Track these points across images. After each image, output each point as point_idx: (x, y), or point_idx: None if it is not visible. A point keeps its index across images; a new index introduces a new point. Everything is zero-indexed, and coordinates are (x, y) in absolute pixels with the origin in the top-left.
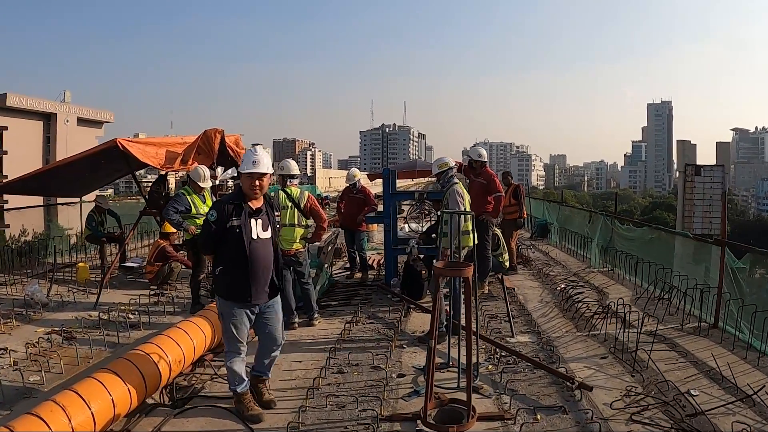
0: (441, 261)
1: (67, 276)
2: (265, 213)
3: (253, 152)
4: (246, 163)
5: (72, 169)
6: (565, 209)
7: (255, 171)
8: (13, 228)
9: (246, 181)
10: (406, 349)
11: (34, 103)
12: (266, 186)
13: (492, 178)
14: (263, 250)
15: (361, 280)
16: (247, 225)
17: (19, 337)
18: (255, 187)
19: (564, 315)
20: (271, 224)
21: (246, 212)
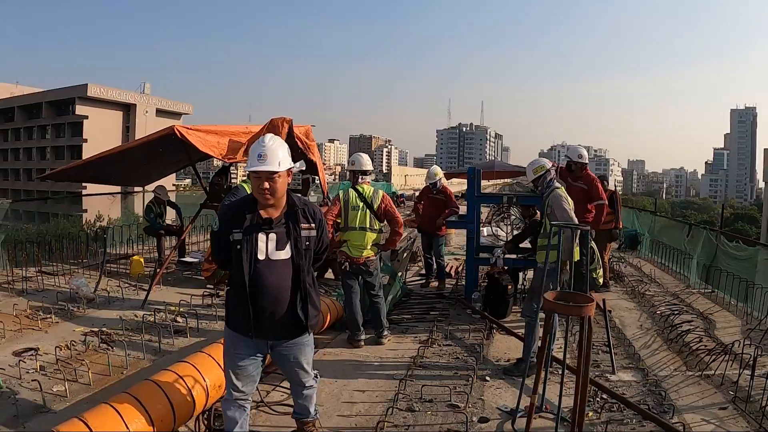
0: (551, 292)
1: (122, 269)
2: (285, 225)
3: (261, 143)
4: (251, 158)
5: (129, 157)
6: (660, 219)
7: (261, 169)
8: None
9: (252, 182)
10: (489, 383)
11: (114, 93)
12: (281, 188)
13: (594, 183)
14: (274, 276)
15: (437, 289)
16: (250, 240)
17: (54, 336)
18: (264, 191)
19: (669, 347)
20: (294, 241)
21: (252, 223)
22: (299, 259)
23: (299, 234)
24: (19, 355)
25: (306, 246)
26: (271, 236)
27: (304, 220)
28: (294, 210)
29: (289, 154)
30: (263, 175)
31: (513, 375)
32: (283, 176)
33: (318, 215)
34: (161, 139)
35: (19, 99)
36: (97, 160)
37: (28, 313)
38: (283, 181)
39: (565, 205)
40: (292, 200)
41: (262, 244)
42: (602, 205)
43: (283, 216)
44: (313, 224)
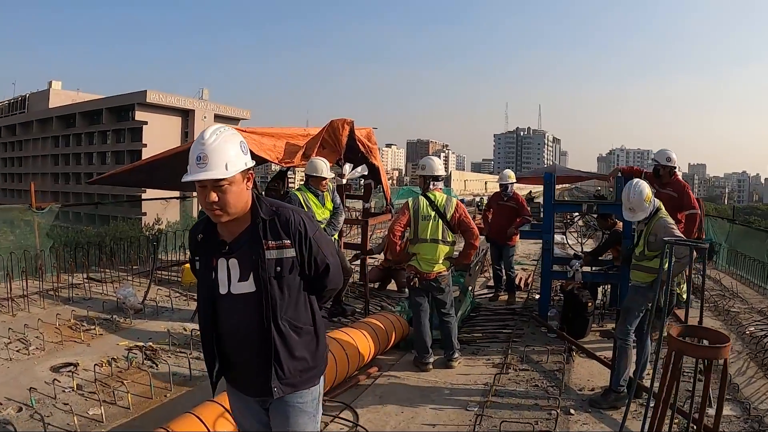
0: (675, 326)
1: (173, 276)
2: (251, 247)
3: (199, 141)
4: (189, 162)
5: (180, 161)
6: (738, 228)
7: (201, 177)
8: (149, 216)
9: (198, 194)
10: (574, 416)
11: (172, 99)
12: (235, 200)
13: (685, 189)
14: (237, 315)
15: (507, 303)
16: (208, 269)
17: (96, 349)
18: (212, 206)
19: (765, 374)
20: (256, 267)
21: (209, 247)
22: (267, 291)
23: (262, 257)
24: (56, 371)
25: (277, 272)
26: (231, 262)
27: (272, 237)
28: (256, 224)
29: (247, 151)
30: (208, 184)
31: (600, 407)
32: (236, 183)
33: (299, 225)
34: None
35: (81, 105)
36: (146, 165)
37: (71, 324)
38: (238, 190)
39: (677, 232)
40: (257, 209)
41: (222, 273)
42: (695, 214)
43: (248, 235)
44: (287, 240)
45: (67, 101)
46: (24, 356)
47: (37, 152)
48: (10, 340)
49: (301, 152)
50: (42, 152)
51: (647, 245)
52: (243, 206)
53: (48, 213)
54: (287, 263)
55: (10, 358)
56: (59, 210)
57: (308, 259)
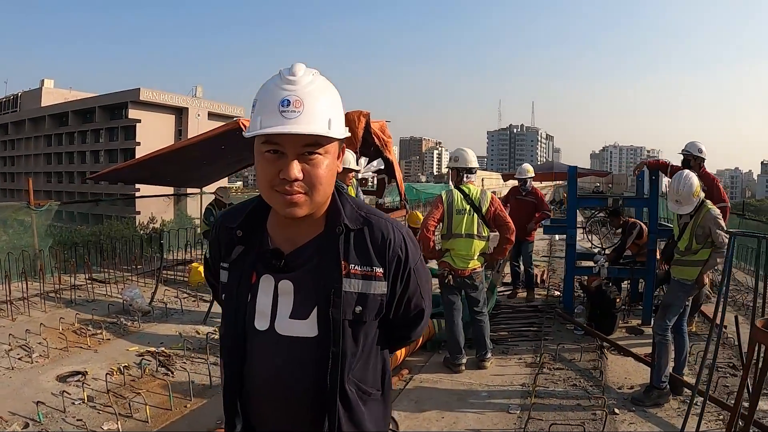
0: (760, 319)
1: (179, 276)
2: (320, 268)
3: (286, 77)
4: (261, 108)
5: (186, 156)
6: (750, 223)
7: (289, 130)
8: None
9: (263, 166)
10: (619, 416)
11: (166, 97)
12: (327, 181)
13: (715, 183)
14: (283, 366)
15: (526, 299)
16: (241, 290)
17: (105, 356)
18: (290, 188)
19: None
20: (329, 302)
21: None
22: (337, 340)
23: (338, 287)
24: (63, 381)
25: (356, 314)
26: (284, 285)
27: (358, 258)
28: (333, 233)
29: (342, 112)
30: (290, 149)
31: (644, 405)
32: (331, 155)
33: (399, 247)
34: (223, 135)
35: (73, 104)
36: (152, 160)
37: (75, 328)
38: (333, 169)
39: (723, 223)
40: (337, 210)
41: (265, 298)
42: (725, 207)
43: (315, 244)
44: (379, 267)
45: (60, 100)
46: (27, 364)
47: (30, 151)
48: (11, 346)
49: None
50: (35, 151)
51: (694, 238)
52: (326, 197)
53: (46, 211)
54: (373, 303)
55: (12, 366)
56: (58, 208)
57: (400, 299)
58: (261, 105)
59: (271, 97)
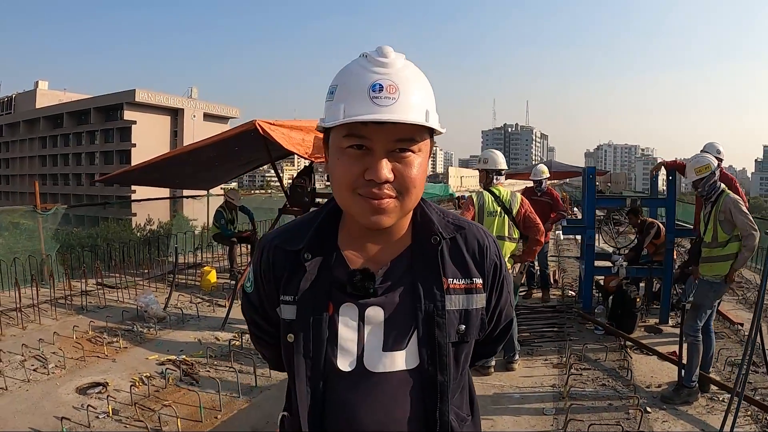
0: None
1: (190, 280)
2: (408, 282)
3: (376, 58)
4: (347, 94)
5: (200, 157)
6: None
7: (385, 117)
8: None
9: (343, 164)
10: (652, 415)
11: (161, 98)
12: (419, 185)
13: (733, 183)
14: (377, 409)
15: (542, 300)
16: (316, 327)
17: (124, 365)
18: (378, 191)
19: None
20: (431, 324)
21: (320, 282)
22: (444, 369)
23: (440, 306)
24: (84, 393)
25: (460, 334)
26: (371, 314)
27: (459, 270)
28: (425, 245)
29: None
30: (382, 141)
31: (674, 403)
32: (425, 154)
33: (495, 254)
34: (239, 136)
35: (68, 105)
36: (165, 161)
37: (90, 336)
38: (425, 167)
39: (745, 209)
40: (427, 215)
41: (348, 332)
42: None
43: (406, 259)
44: (479, 278)
45: (54, 101)
46: (43, 376)
47: (24, 153)
48: (25, 357)
49: None
50: (29, 153)
51: (719, 226)
52: (416, 203)
53: (52, 215)
54: (476, 319)
55: (27, 379)
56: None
57: (493, 310)
58: (344, 90)
59: (357, 81)
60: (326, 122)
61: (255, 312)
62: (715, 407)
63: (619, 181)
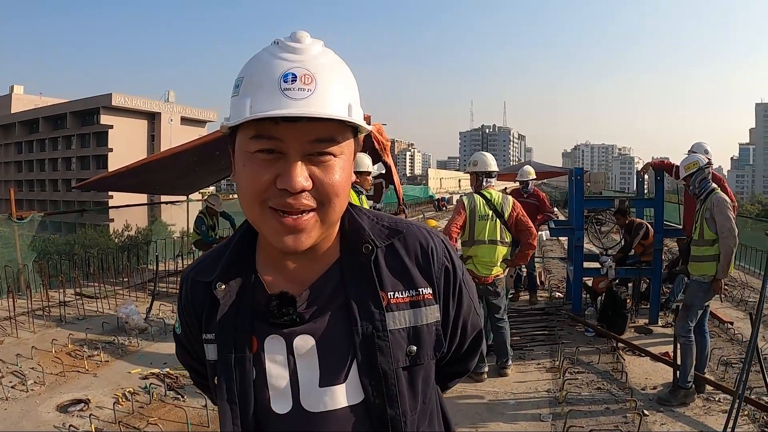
0: None
1: (171, 289)
2: (349, 307)
3: (289, 45)
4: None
5: (179, 162)
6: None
7: (294, 112)
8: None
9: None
10: (649, 417)
11: (138, 102)
12: (344, 192)
13: (722, 183)
14: None
15: (530, 302)
16: (242, 363)
17: (106, 380)
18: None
19: None
20: (373, 348)
21: (242, 316)
22: (394, 401)
23: (381, 326)
24: (65, 411)
25: (411, 356)
26: (301, 344)
27: (399, 282)
28: (357, 254)
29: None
30: (296, 142)
31: (671, 405)
32: (348, 155)
33: (445, 255)
34: (219, 140)
35: (43, 110)
36: (144, 166)
37: (70, 350)
38: (349, 171)
39: (729, 213)
40: (357, 222)
41: (277, 368)
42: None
43: (334, 276)
44: (428, 287)
45: (30, 106)
46: (22, 393)
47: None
48: (2, 373)
49: None
50: (5, 159)
51: (706, 223)
52: (340, 215)
53: (28, 223)
54: (429, 336)
55: (6, 396)
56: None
57: (455, 323)
58: (251, 82)
59: (266, 71)
60: (229, 121)
61: (187, 355)
62: (713, 408)
63: (598, 180)
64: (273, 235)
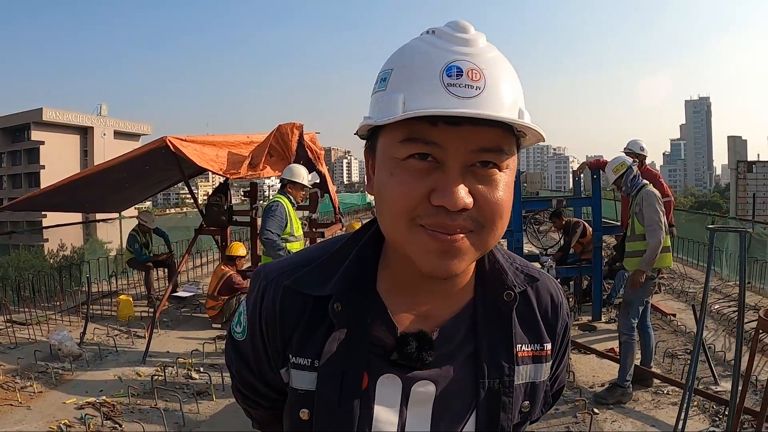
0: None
1: (105, 311)
2: (470, 349)
3: (455, 33)
4: (410, 79)
5: (108, 179)
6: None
7: (468, 112)
8: (51, 243)
9: (402, 182)
10: (600, 416)
11: (70, 117)
12: (507, 213)
13: (657, 178)
14: None
15: None
16: (348, 406)
17: (41, 412)
18: (452, 222)
19: (748, 346)
20: (497, 406)
21: (355, 347)
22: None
23: (510, 381)
24: None
25: (524, 413)
26: (420, 390)
27: (528, 334)
28: (495, 298)
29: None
30: (460, 151)
31: (607, 403)
32: (514, 168)
33: (566, 309)
34: (149, 154)
35: None
36: (71, 184)
37: (1, 381)
38: (512, 189)
39: (658, 206)
40: (495, 261)
41: (386, 413)
42: (669, 202)
43: (467, 319)
44: (549, 345)
45: None
46: None
47: None
48: None
49: (247, 162)
50: None
51: (636, 218)
52: (497, 240)
53: None
54: (540, 393)
55: None
56: None
57: (553, 377)
58: (404, 74)
59: (424, 62)
60: (376, 119)
61: (246, 368)
62: (662, 401)
63: (535, 180)
64: (422, 254)
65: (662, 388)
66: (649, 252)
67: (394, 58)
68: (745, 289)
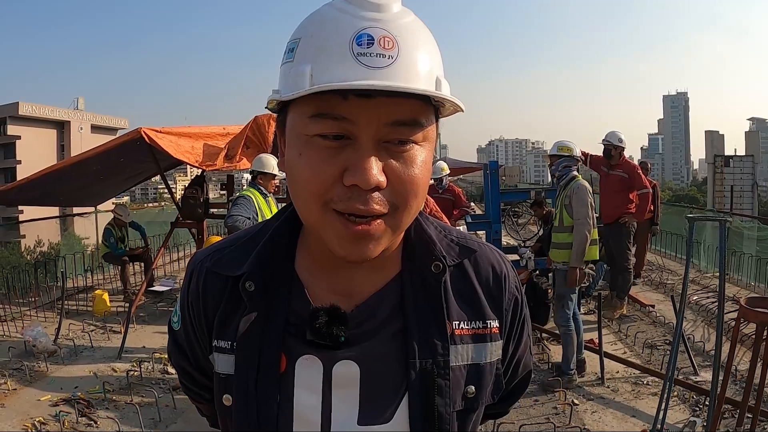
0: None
1: (81, 306)
2: (405, 333)
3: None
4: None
5: (83, 172)
6: None
7: (374, 84)
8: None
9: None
10: (580, 407)
11: (46, 111)
12: (424, 190)
13: (635, 170)
14: None
15: None
16: (266, 390)
17: (15, 410)
18: (365, 201)
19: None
20: (452, 388)
21: (271, 327)
22: None
23: (444, 361)
24: None
25: (468, 398)
26: (342, 372)
27: (466, 309)
28: (423, 271)
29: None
30: (372, 125)
31: (554, 390)
32: (432, 141)
33: (514, 284)
34: (123, 146)
35: None
36: (43, 177)
37: None
38: (429, 165)
39: (588, 199)
40: (424, 232)
41: (308, 396)
42: (647, 193)
43: (392, 294)
44: (495, 322)
45: None
46: None
47: None
48: None
49: (223, 153)
50: None
51: (565, 210)
52: (413, 218)
53: None
54: (489, 376)
55: None
56: None
57: (511, 360)
58: (312, 43)
59: (332, 30)
60: (282, 94)
61: (183, 358)
62: (642, 391)
63: (513, 174)
64: (336, 240)
65: (642, 378)
66: (576, 247)
67: (302, 27)
68: (725, 277)
